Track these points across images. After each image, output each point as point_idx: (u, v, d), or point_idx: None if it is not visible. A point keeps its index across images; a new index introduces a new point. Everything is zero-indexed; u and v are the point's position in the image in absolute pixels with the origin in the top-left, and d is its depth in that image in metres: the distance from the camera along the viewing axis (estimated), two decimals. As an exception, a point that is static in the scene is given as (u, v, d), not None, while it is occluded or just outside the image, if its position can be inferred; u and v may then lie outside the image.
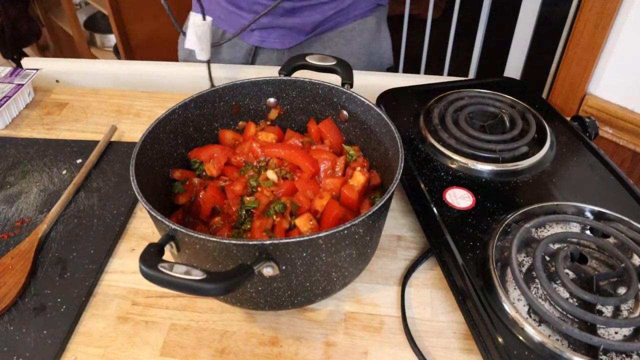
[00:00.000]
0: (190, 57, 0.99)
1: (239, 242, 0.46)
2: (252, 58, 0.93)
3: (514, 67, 1.41)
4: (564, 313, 0.51)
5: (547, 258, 0.56)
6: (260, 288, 0.52)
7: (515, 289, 0.53)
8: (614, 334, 0.49)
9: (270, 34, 0.90)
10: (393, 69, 1.08)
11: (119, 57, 2.07)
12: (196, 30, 0.80)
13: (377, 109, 0.63)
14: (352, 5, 0.89)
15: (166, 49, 1.10)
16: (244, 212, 0.61)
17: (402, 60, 1.75)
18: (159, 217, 0.48)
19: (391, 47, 1.02)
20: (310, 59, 0.71)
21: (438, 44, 1.68)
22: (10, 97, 0.88)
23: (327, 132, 0.70)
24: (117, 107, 0.93)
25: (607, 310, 0.51)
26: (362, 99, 0.65)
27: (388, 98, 0.82)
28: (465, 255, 0.56)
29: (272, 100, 0.72)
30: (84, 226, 0.68)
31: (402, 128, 0.74)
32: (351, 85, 0.68)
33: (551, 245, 0.57)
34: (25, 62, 1.01)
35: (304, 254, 0.49)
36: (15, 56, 2.18)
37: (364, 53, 0.95)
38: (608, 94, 1.02)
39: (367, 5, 0.92)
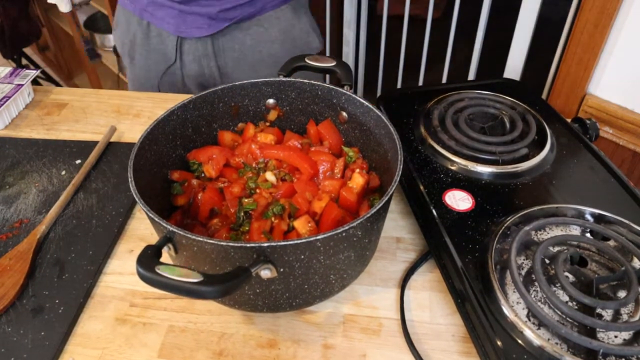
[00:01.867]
0: (122, 50, 1.02)
1: (236, 245, 0.46)
2: (178, 48, 0.94)
3: (513, 67, 1.41)
4: (564, 316, 0.51)
5: (547, 261, 0.55)
6: (258, 290, 0.52)
7: (514, 292, 0.53)
8: (614, 338, 0.49)
9: (188, 23, 0.92)
10: (392, 68, 1.08)
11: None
12: None
13: (377, 111, 0.63)
14: None
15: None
16: (242, 213, 0.61)
17: (402, 60, 1.75)
18: (156, 219, 0.48)
19: (318, 32, 1.04)
20: (309, 60, 0.71)
21: (438, 44, 1.67)
22: (9, 97, 0.88)
23: (327, 134, 0.70)
24: (117, 108, 0.93)
25: (607, 314, 0.51)
26: (361, 100, 0.65)
27: (388, 99, 0.81)
28: (464, 257, 0.56)
29: (271, 101, 0.72)
30: (83, 227, 0.68)
31: (402, 130, 0.74)
32: (351, 87, 0.68)
33: (551, 248, 0.57)
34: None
35: (302, 257, 0.48)
36: (15, 56, 2.18)
37: (286, 39, 0.97)
38: (608, 94, 1.02)
39: None
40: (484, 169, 0.66)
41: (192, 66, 0.97)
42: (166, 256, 0.52)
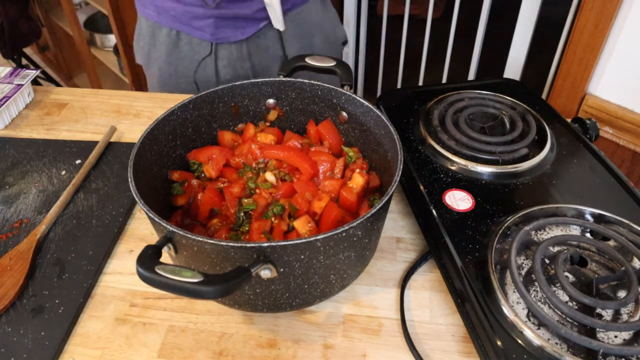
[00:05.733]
0: (147, 62, 1.01)
1: (236, 245, 0.46)
2: (213, 54, 0.94)
3: (513, 67, 1.41)
4: (564, 316, 0.51)
5: (547, 261, 0.55)
6: (258, 290, 0.52)
7: (514, 292, 0.53)
8: (614, 338, 0.49)
9: (226, 27, 0.92)
10: (392, 68, 1.09)
11: (119, 57, 2.07)
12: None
13: (377, 111, 0.63)
14: None
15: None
16: (242, 214, 0.61)
17: (402, 60, 1.75)
18: (156, 219, 0.48)
19: (341, 23, 1.07)
20: (309, 60, 0.71)
21: (438, 44, 1.67)
22: (9, 97, 0.88)
23: (327, 134, 0.70)
24: (117, 108, 0.93)
25: (607, 314, 0.51)
26: (361, 100, 0.65)
27: (387, 99, 0.81)
28: (464, 257, 0.56)
29: (271, 101, 0.72)
30: (83, 227, 0.68)
31: (402, 130, 0.74)
32: (351, 87, 0.68)
33: (551, 248, 0.57)
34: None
35: (302, 257, 0.48)
36: (15, 56, 2.18)
37: (317, 33, 0.99)
38: (608, 94, 1.02)
39: None
40: (484, 169, 0.66)
41: (226, 70, 0.96)
42: (166, 256, 0.52)
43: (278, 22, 0.88)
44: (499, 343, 0.49)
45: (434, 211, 0.62)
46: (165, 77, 1.00)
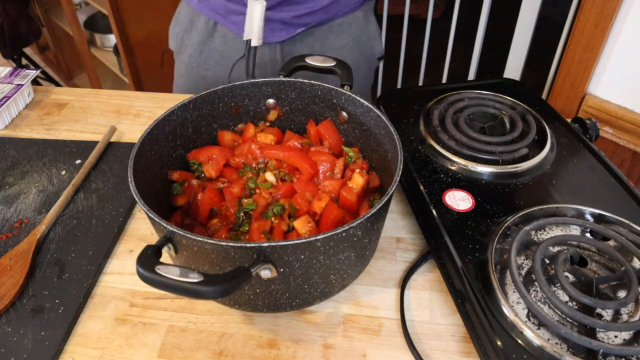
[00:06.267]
0: (179, 48, 1.00)
1: (236, 245, 0.46)
2: (246, 52, 0.94)
3: (513, 67, 1.41)
4: (564, 316, 0.51)
5: (547, 261, 0.55)
6: (258, 290, 0.52)
7: (514, 292, 0.53)
8: (614, 338, 0.49)
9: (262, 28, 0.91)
10: (392, 68, 1.09)
11: (119, 57, 2.07)
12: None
13: (377, 111, 0.63)
14: (339, 1, 0.92)
15: (166, 49, 1.09)
16: (242, 214, 0.61)
17: (402, 60, 1.75)
18: (156, 219, 0.48)
19: (380, 37, 1.06)
20: (309, 60, 0.71)
21: (438, 44, 1.67)
22: (9, 97, 0.88)
23: (327, 134, 0.70)
24: (117, 108, 0.93)
25: (607, 314, 0.51)
26: (361, 100, 0.65)
27: (388, 99, 0.81)
28: (464, 257, 0.56)
29: (271, 101, 0.72)
30: (83, 227, 0.68)
31: (402, 130, 0.74)
32: (351, 87, 0.68)
33: (551, 248, 0.57)
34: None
35: (302, 257, 0.48)
36: (15, 56, 2.18)
37: (354, 45, 0.98)
38: (608, 94, 1.02)
39: (355, 1, 0.95)
40: (484, 169, 0.66)
41: (257, 70, 0.96)
42: (166, 256, 0.52)
43: (253, 36, 0.87)
44: (499, 343, 0.49)
45: (434, 211, 0.62)
46: (193, 65, 0.99)
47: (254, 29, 0.85)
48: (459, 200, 0.63)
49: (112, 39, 2.23)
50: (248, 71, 0.96)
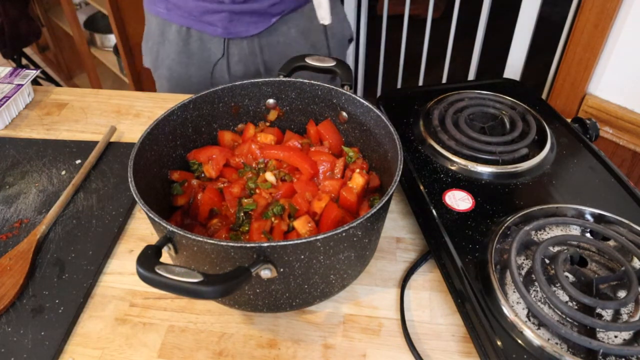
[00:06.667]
0: (156, 63, 1.00)
1: (236, 245, 0.46)
2: (225, 50, 0.94)
3: (513, 67, 1.41)
4: (564, 316, 0.51)
5: (547, 261, 0.55)
6: (258, 290, 0.52)
7: (514, 292, 0.53)
8: (614, 338, 0.49)
9: (239, 22, 0.92)
10: (392, 68, 1.09)
11: (119, 57, 2.07)
12: None
13: (377, 111, 0.63)
14: None
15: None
16: (242, 214, 0.61)
17: (402, 60, 1.75)
18: (156, 219, 0.48)
19: (347, 20, 1.08)
20: (309, 60, 0.71)
21: (438, 44, 1.67)
22: (9, 97, 0.88)
23: (327, 134, 0.70)
24: (117, 108, 0.93)
25: (607, 314, 0.51)
26: (361, 100, 0.65)
27: (388, 99, 0.81)
28: (464, 257, 0.56)
29: (271, 101, 0.72)
30: (83, 227, 0.68)
31: (402, 129, 0.74)
32: (351, 87, 0.68)
33: (551, 248, 0.57)
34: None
35: (302, 257, 0.48)
36: (15, 56, 2.18)
37: (327, 29, 1.00)
38: (608, 94, 1.02)
39: None
40: (484, 169, 0.66)
41: (238, 67, 0.97)
42: (166, 256, 0.52)
43: (325, 14, 0.87)
44: (499, 343, 0.49)
45: (434, 211, 0.62)
46: (175, 77, 1.00)
47: (322, 5, 0.84)
48: (459, 200, 0.63)
49: (112, 39, 2.23)
50: (230, 69, 0.96)
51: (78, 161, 0.79)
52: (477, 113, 0.76)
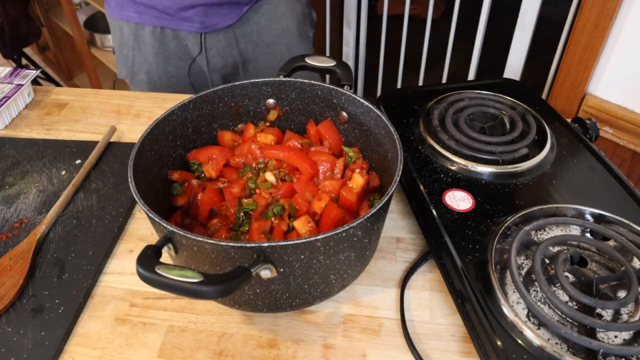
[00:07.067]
0: (133, 70, 1.01)
1: (236, 245, 0.46)
2: (203, 44, 0.95)
3: (513, 67, 1.41)
4: (564, 316, 0.51)
5: (547, 261, 0.55)
6: (258, 290, 0.52)
7: (514, 292, 0.53)
8: (614, 338, 0.49)
9: (214, 15, 0.93)
10: (392, 68, 1.09)
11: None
12: None
13: (377, 111, 0.63)
14: None
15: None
16: (242, 214, 0.61)
17: (402, 60, 1.75)
18: (156, 219, 0.48)
19: (311, 5, 1.11)
20: (309, 60, 0.71)
21: (438, 44, 1.67)
22: (9, 97, 0.88)
23: (327, 134, 0.70)
24: (117, 108, 0.93)
25: (607, 314, 0.51)
26: (361, 100, 0.65)
27: (388, 99, 0.81)
28: (464, 257, 0.56)
29: (271, 101, 0.72)
30: (83, 227, 0.68)
31: (402, 129, 0.74)
32: (351, 87, 0.68)
33: (551, 248, 0.57)
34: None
35: (302, 257, 0.48)
36: (15, 56, 2.18)
37: (292, 13, 1.02)
38: (608, 94, 1.02)
39: None
40: (484, 169, 0.66)
41: (216, 60, 0.98)
42: (166, 256, 0.52)
43: None
44: (499, 343, 0.49)
45: (434, 211, 0.62)
46: (154, 79, 1.00)
47: None
48: (459, 200, 0.63)
49: (112, 39, 2.22)
50: (208, 63, 0.98)
51: (78, 161, 0.79)
52: (477, 113, 0.76)
